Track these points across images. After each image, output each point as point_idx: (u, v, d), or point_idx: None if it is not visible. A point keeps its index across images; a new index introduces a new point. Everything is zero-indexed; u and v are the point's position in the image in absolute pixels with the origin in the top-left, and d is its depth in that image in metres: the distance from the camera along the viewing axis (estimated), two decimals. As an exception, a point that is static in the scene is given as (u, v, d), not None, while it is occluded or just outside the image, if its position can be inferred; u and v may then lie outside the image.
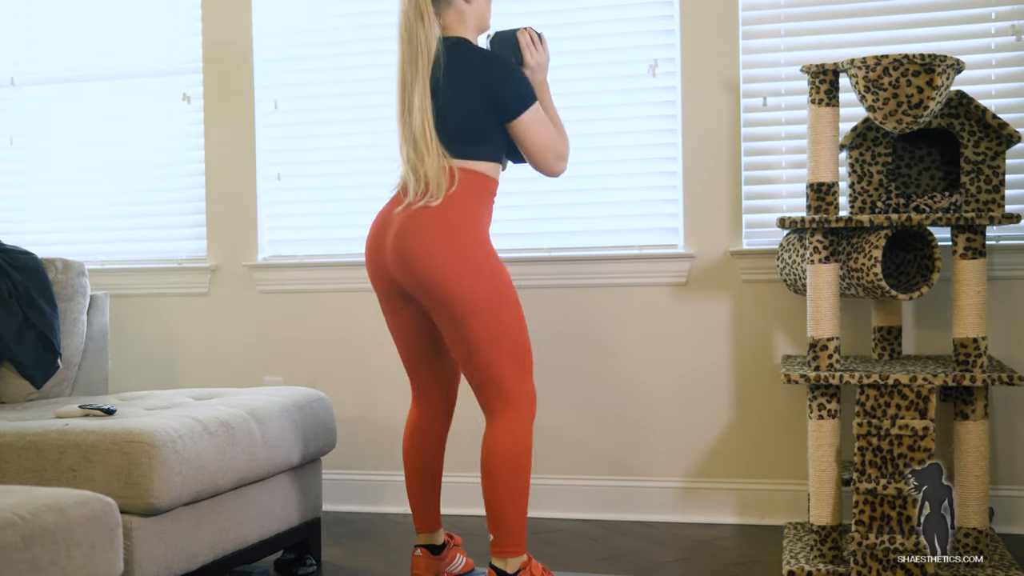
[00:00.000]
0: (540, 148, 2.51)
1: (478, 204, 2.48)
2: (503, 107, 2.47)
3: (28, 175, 4.02)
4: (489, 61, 2.49)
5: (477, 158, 2.48)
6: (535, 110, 2.50)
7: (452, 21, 2.53)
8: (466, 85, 2.46)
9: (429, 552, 2.69)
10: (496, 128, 2.49)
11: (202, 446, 2.43)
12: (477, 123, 2.47)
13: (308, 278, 3.69)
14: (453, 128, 2.46)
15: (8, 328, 3.02)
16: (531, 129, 2.49)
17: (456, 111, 2.46)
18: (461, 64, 2.47)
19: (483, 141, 2.49)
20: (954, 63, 2.63)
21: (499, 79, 2.46)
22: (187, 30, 3.82)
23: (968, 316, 2.69)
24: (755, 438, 3.35)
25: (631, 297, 3.43)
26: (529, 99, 2.49)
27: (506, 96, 2.46)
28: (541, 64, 2.61)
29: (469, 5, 2.54)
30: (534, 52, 2.59)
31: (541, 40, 2.62)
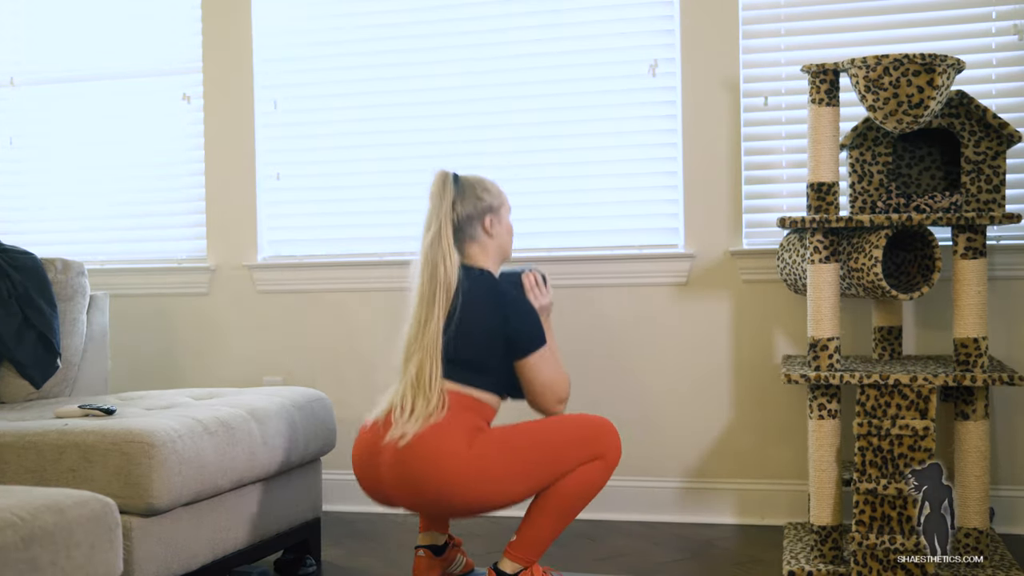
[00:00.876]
0: (543, 388, 2.55)
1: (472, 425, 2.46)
2: (515, 346, 2.51)
3: (28, 175, 4.02)
4: (506, 300, 2.53)
5: (478, 387, 2.50)
6: (545, 351, 2.54)
7: (475, 253, 2.59)
8: (480, 320, 2.49)
9: (431, 552, 2.69)
10: (504, 363, 2.53)
11: (202, 446, 2.43)
12: (486, 356, 2.50)
13: (308, 278, 3.69)
14: (462, 356, 2.48)
15: (8, 328, 3.01)
16: (538, 368, 2.53)
17: (467, 341, 2.48)
18: (478, 299, 2.50)
19: (488, 372, 2.51)
20: (954, 63, 2.63)
21: (514, 319, 2.51)
22: (187, 30, 3.82)
23: (968, 316, 2.69)
24: (755, 438, 3.35)
25: (631, 297, 3.43)
26: (540, 340, 2.53)
27: (519, 335, 2.50)
28: (545, 307, 2.66)
29: (491, 239, 2.60)
30: (538, 295, 2.65)
31: (545, 282, 2.68)
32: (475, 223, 2.58)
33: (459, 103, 3.57)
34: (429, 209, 2.57)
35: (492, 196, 2.61)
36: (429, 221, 2.55)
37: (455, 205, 2.56)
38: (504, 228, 2.65)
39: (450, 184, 2.57)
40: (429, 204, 2.57)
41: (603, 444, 2.49)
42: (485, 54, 3.55)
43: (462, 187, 2.58)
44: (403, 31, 3.62)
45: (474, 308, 2.50)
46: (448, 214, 2.54)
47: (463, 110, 3.56)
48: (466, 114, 3.56)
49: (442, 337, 2.47)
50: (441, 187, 2.56)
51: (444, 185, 2.56)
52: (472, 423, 2.45)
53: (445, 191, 2.56)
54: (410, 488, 2.41)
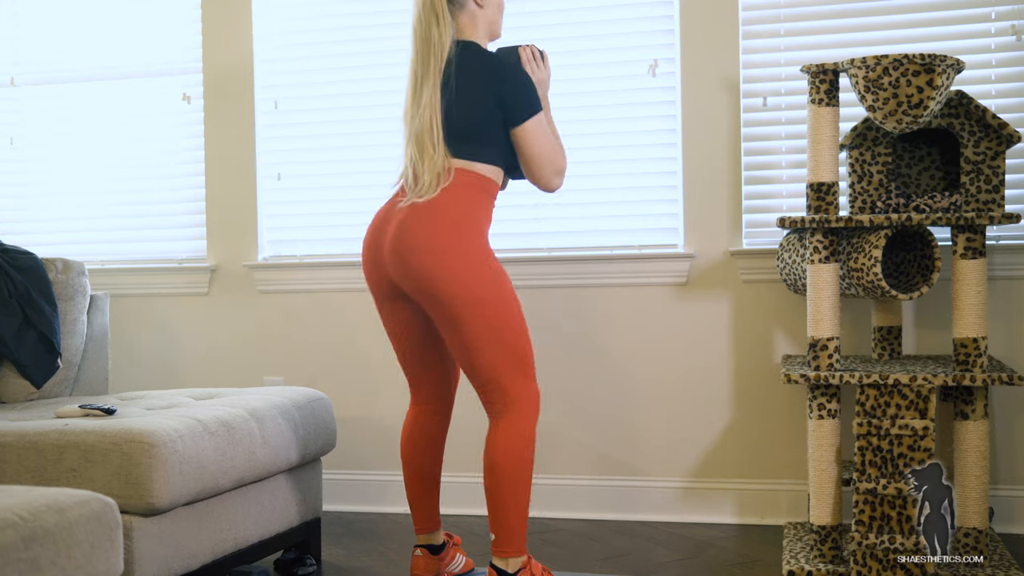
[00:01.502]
0: (540, 159, 2.52)
1: (477, 204, 2.48)
2: (510, 111, 2.48)
3: (28, 175, 4.02)
4: (500, 65, 2.50)
5: (479, 159, 2.49)
6: (540, 119, 2.51)
7: (464, 25, 2.56)
8: (475, 87, 2.47)
9: (429, 552, 2.70)
10: (500, 132, 2.50)
11: (202, 446, 2.43)
12: (482, 125, 2.48)
13: (308, 278, 3.69)
14: (458, 128, 2.47)
15: (8, 328, 3.02)
16: (534, 136, 2.50)
17: (462, 112, 2.47)
18: (472, 66, 2.49)
19: (486, 143, 2.49)
20: (954, 63, 2.63)
21: (509, 83, 2.48)
22: (187, 30, 3.82)
23: (968, 316, 2.69)
24: (755, 438, 3.35)
25: (631, 297, 3.43)
26: (536, 106, 2.50)
27: (514, 100, 2.47)
28: (542, 80, 2.63)
29: (482, 10, 2.57)
30: (535, 68, 2.62)
31: (543, 57, 2.64)
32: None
33: (459, 103, 3.56)
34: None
35: None
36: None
37: None
38: (496, 1, 2.60)
39: None
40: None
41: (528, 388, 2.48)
42: (485, 54, 3.55)
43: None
44: (403, 31, 3.58)
45: (468, 76, 2.47)
46: None
47: (463, 110, 3.56)
48: (466, 114, 3.56)
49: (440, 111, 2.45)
50: None
51: None
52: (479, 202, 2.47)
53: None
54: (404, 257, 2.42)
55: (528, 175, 2.55)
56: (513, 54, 2.61)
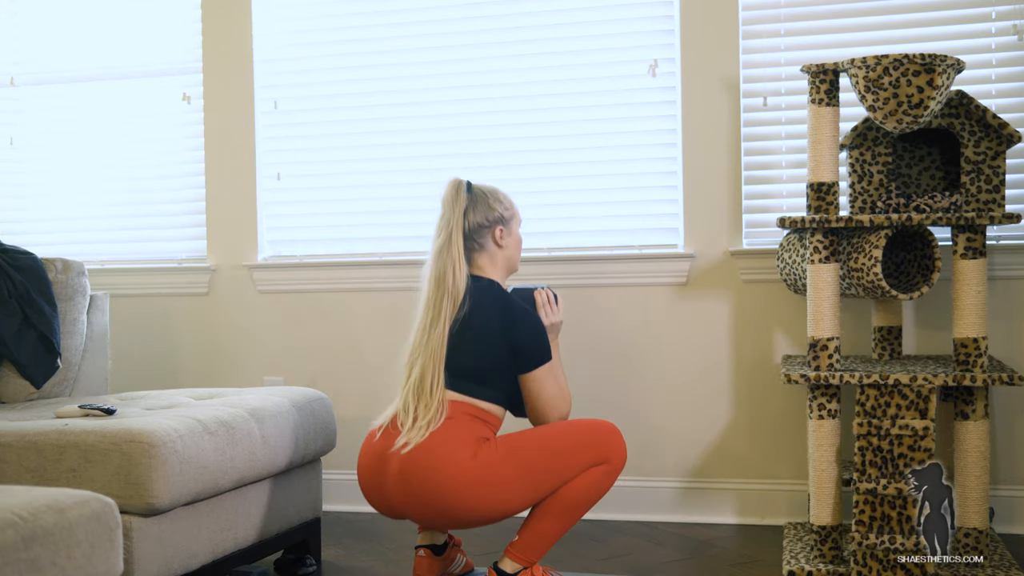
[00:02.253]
0: (545, 405, 2.54)
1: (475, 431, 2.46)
2: (521, 357, 2.50)
3: (28, 175, 4.02)
4: (515, 311, 2.52)
5: (483, 399, 2.50)
6: (550, 367, 2.54)
7: (483, 263, 2.60)
8: (488, 331, 2.49)
9: (431, 552, 2.69)
10: (508, 376, 2.52)
11: (202, 446, 2.43)
12: (491, 368, 2.50)
13: (308, 278, 3.69)
14: (465, 367, 2.49)
15: (8, 328, 3.02)
16: (542, 384, 2.52)
17: (472, 352, 2.49)
18: (487, 310, 2.51)
19: (491, 385, 2.51)
20: (954, 63, 2.63)
21: (523, 332, 2.50)
22: (187, 30, 3.82)
23: (968, 316, 2.69)
24: (755, 438, 3.35)
25: (631, 297, 3.43)
26: (547, 355, 2.53)
27: (526, 349, 2.50)
28: (555, 325, 2.65)
29: (501, 250, 2.61)
30: (549, 312, 2.64)
31: (556, 301, 2.67)
32: (485, 233, 2.58)
33: (458, 103, 3.57)
34: (440, 216, 2.57)
35: (504, 207, 2.62)
36: (440, 228, 2.55)
37: (467, 213, 2.56)
38: (514, 240, 2.65)
39: (463, 192, 2.57)
40: (441, 211, 2.57)
41: (608, 448, 2.49)
42: (484, 54, 3.55)
43: (475, 196, 2.59)
44: (403, 31, 3.62)
45: (481, 317, 2.50)
46: (459, 222, 2.54)
47: (462, 110, 3.56)
48: (465, 114, 3.56)
49: (447, 345, 2.47)
50: (454, 195, 2.56)
51: (457, 193, 2.57)
52: (478, 432, 2.45)
53: (458, 199, 2.56)
54: (415, 498, 2.41)
55: (530, 416, 2.58)
56: (528, 298, 2.64)
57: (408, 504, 2.44)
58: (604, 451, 2.48)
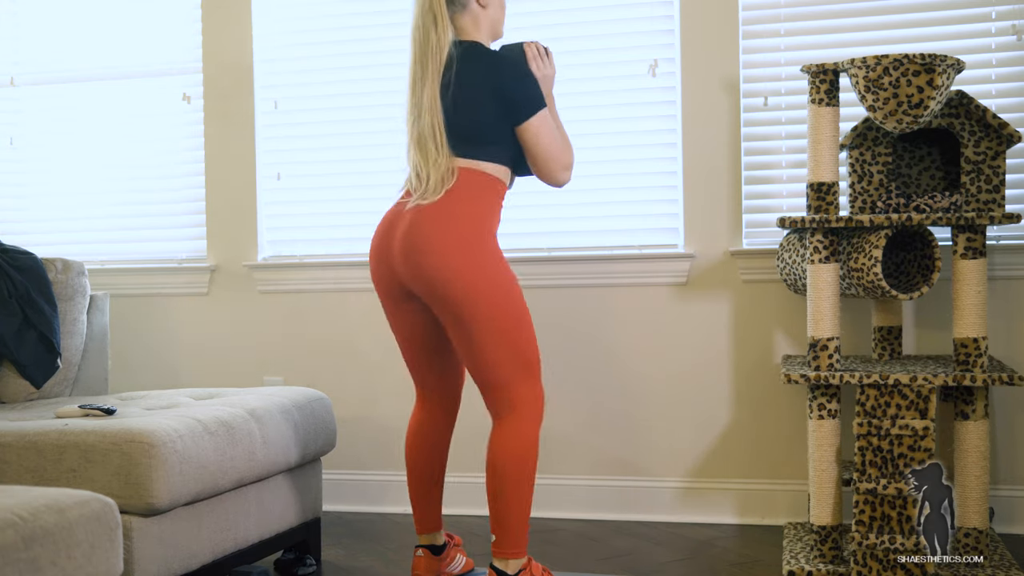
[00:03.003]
0: (546, 155, 2.51)
1: (485, 203, 2.48)
2: (514, 109, 2.47)
3: (28, 175, 4.02)
4: (502, 63, 2.49)
5: (485, 159, 2.48)
6: (544, 115, 2.50)
7: (466, 25, 2.55)
8: (478, 86, 2.46)
9: (430, 552, 2.69)
10: (505, 131, 2.49)
11: (202, 446, 2.43)
12: (486, 124, 2.47)
13: (308, 278, 3.69)
14: (462, 129, 2.47)
15: (8, 328, 3.02)
16: (539, 133, 2.49)
17: (466, 112, 2.46)
18: (474, 66, 2.48)
19: (491, 142, 2.49)
20: (954, 63, 2.63)
21: (511, 80, 2.47)
22: (187, 30, 3.82)
23: (968, 316, 2.69)
24: (755, 438, 3.35)
25: (631, 297, 3.43)
26: (540, 103, 2.50)
27: (517, 98, 2.46)
28: (547, 76, 2.61)
29: (484, 10, 2.56)
30: (540, 64, 2.60)
31: (548, 53, 2.63)
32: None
33: (459, 103, 3.56)
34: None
35: None
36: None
37: None
38: (497, 1, 2.59)
39: None
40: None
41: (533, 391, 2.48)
42: (485, 54, 3.55)
43: None
44: (403, 31, 3.59)
45: (470, 76, 2.46)
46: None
47: (463, 110, 3.56)
48: (466, 114, 3.56)
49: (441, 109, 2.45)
50: None
51: None
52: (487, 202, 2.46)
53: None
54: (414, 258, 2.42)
55: (535, 171, 2.54)
56: (517, 51, 2.60)
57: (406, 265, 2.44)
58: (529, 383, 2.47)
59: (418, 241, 2.42)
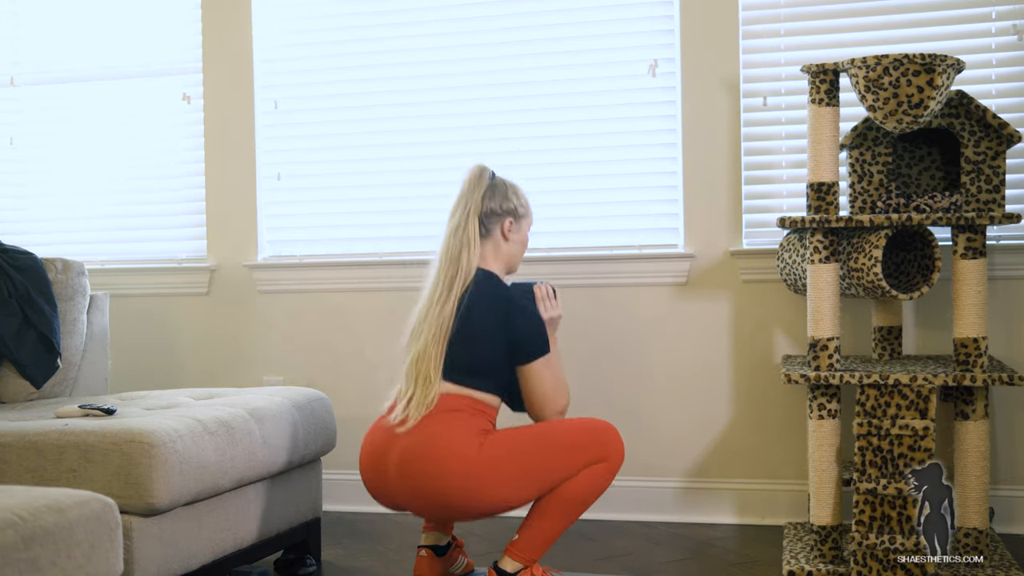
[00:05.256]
0: (542, 399, 2.53)
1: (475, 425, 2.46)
2: (518, 350, 2.50)
3: (28, 175, 4.02)
4: (513, 303, 2.52)
5: (479, 390, 2.49)
6: (547, 360, 2.53)
7: (486, 252, 2.59)
8: (485, 320, 2.49)
9: (433, 553, 2.69)
10: (505, 368, 2.52)
11: (202, 446, 2.43)
12: (487, 359, 2.49)
13: (308, 278, 3.69)
14: (462, 359, 2.48)
15: (8, 328, 3.02)
16: (540, 378, 2.52)
17: (469, 343, 2.48)
18: (486, 298, 2.50)
19: (488, 376, 2.50)
20: (954, 63, 2.63)
21: (521, 323, 2.50)
22: (187, 30, 3.82)
23: (968, 316, 2.69)
24: (755, 438, 3.35)
25: (631, 297, 3.43)
26: (544, 348, 2.53)
27: (524, 341, 2.50)
28: (553, 320, 2.65)
29: (506, 243, 2.61)
30: (548, 307, 2.64)
31: (555, 295, 2.67)
32: (496, 221, 2.59)
33: (458, 103, 3.57)
34: (459, 195, 2.58)
35: (520, 203, 2.63)
36: (456, 207, 2.57)
37: (484, 198, 2.57)
38: (520, 238, 2.65)
39: (486, 178, 2.60)
40: (460, 190, 2.59)
41: (607, 447, 2.50)
42: (484, 54, 3.55)
43: (496, 184, 2.61)
44: (403, 31, 3.62)
45: (480, 308, 2.50)
46: (477, 205, 2.55)
47: (462, 110, 3.56)
48: (465, 114, 3.56)
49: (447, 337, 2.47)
50: (477, 177, 2.59)
51: (480, 176, 2.59)
52: (479, 426, 2.46)
53: (480, 182, 2.58)
54: (417, 490, 2.41)
55: (528, 407, 2.57)
56: (527, 292, 2.63)
57: (407, 493, 2.44)
58: (603, 449, 2.49)
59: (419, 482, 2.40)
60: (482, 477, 2.38)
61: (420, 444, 2.41)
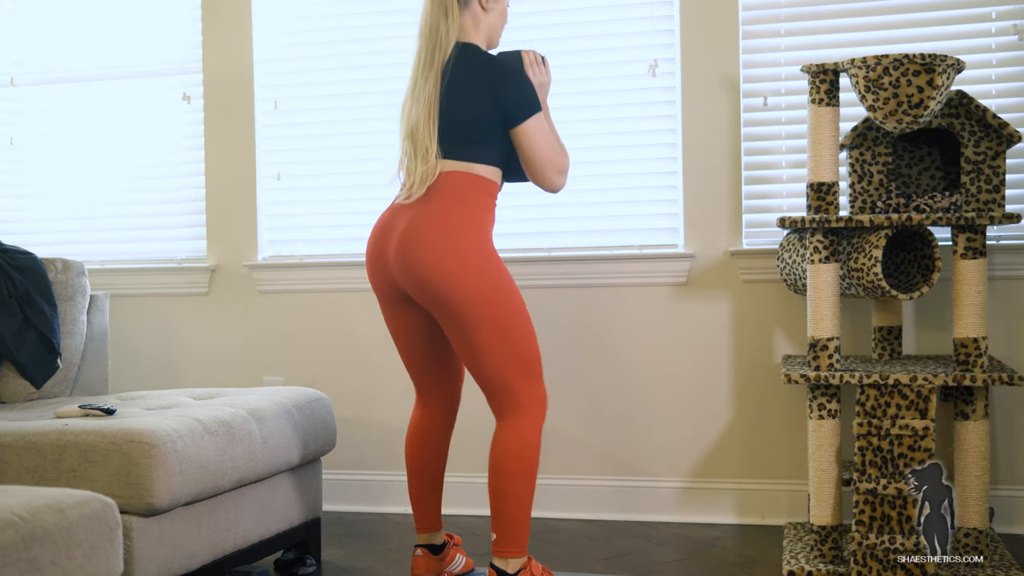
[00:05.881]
0: (540, 158, 2.50)
1: (479, 204, 2.48)
2: (509, 111, 2.47)
3: (28, 175, 4.02)
4: (499, 66, 2.50)
5: (477, 160, 2.48)
6: (540, 119, 2.50)
7: (467, 25, 2.56)
8: (473, 87, 2.47)
9: (429, 552, 2.70)
10: (499, 134, 2.49)
11: (202, 446, 2.43)
12: (480, 125, 2.47)
13: (308, 278, 3.69)
14: (456, 129, 2.47)
15: (8, 328, 3.02)
16: (535, 136, 2.49)
17: (460, 112, 2.47)
18: (470, 66, 2.48)
19: (484, 144, 2.49)
20: (954, 63, 2.63)
21: (508, 83, 2.47)
22: (187, 30, 3.82)
23: (968, 316, 2.69)
24: (755, 438, 3.35)
25: (631, 297, 3.43)
26: (536, 106, 2.50)
27: (513, 100, 2.47)
28: (543, 84, 2.62)
29: (485, 13, 2.57)
30: (537, 71, 2.61)
31: (544, 62, 2.64)
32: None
33: (459, 103, 3.56)
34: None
35: None
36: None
37: None
38: (500, 8, 2.61)
39: None
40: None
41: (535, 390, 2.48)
42: (485, 54, 3.55)
43: None
44: (403, 31, 3.61)
45: (467, 75, 2.47)
46: None
47: (463, 110, 3.56)
48: (466, 114, 3.56)
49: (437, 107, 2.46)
50: None
51: None
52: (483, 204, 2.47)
53: None
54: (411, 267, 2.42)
55: (530, 175, 2.54)
56: (514, 56, 2.61)
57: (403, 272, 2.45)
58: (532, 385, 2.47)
59: (413, 245, 2.42)
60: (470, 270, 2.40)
61: (423, 222, 2.42)
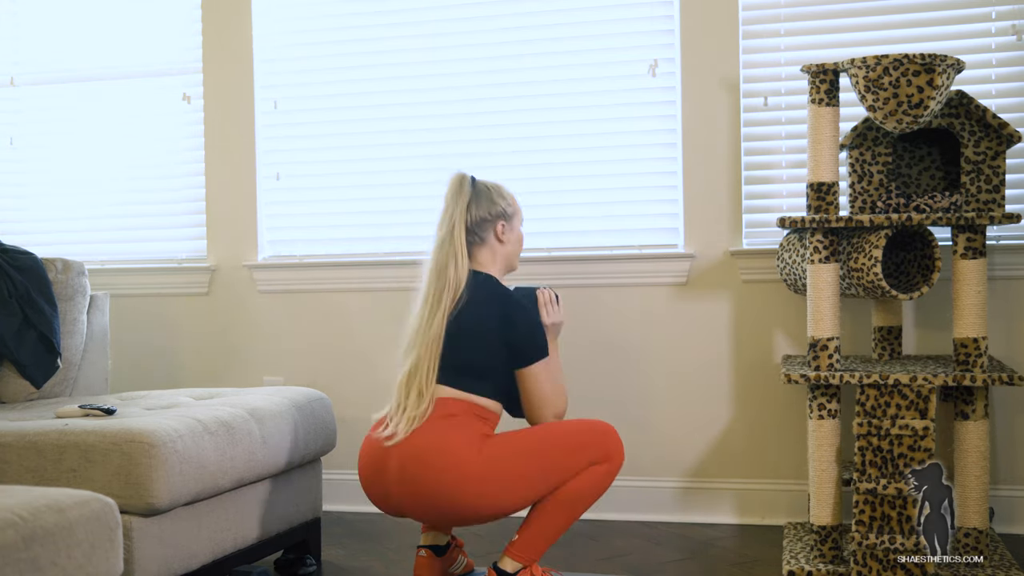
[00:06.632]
0: (540, 401, 2.53)
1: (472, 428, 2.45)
2: (517, 353, 2.50)
3: (28, 175, 4.02)
4: (513, 306, 2.52)
5: (478, 392, 2.49)
6: (545, 363, 2.53)
7: (484, 258, 2.59)
8: (485, 323, 2.49)
9: (433, 553, 2.69)
10: (503, 370, 2.52)
11: (202, 446, 2.43)
12: (487, 362, 2.50)
13: (308, 278, 3.69)
14: (462, 361, 2.48)
15: (8, 328, 3.02)
16: (538, 380, 2.51)
17: (469, 346, 2.48)
18: (485, 303, 2.51)
19: (487, 378, 2.50)
20: (954, 63, 2.63)
21: (520, 326, 2.50)
22: (187, 30, 3.83)
23: (968, 316, 2.69)
24: (755, 438, 3.35)
25: (631, 297, 3.43)
26: (543, 352, 2.52)
27: (523, 344, 2.50)
28: (555, 325, 2.66)
29: (502, 246, 2.61)
30: (550, 312, 2.65)
31: (558, 301, 2.67)
32: (487, 227, 2.58)
33: (458, 103, 3.57)
34: (443, 209, 2.58)
35: (507, 203, 2.62)
36: (442, 221, 2.56)
37: (470, 207, 2.56)
38: (515, 237, 2.65)
39: (467, 186, 2.58)
40: (444, 204, 2.58)
41: (608, 448, 2.49)
42: (484, 54, 3.55)
43: (479, 190, 2.59)
44: (403, 31, 3.62)
45: (478, 310, 2.50)
46: (462, 215, 2.55)
47: (462, 110, 3.56)
48: (466, 114, 3.56)
49: (444, 339, 2.47)
50: (458, 188, 2.57)
51: (461, 186, 2.58)
52: (480, 430, 2.46)
53: (462, 192, 2.57)
54: (417, 494, 2.41)
55: (526, 411, 2.57)
56: (529, 297, 2.64)
57: (409, 500, 2.44)
58: (604, 450, 2.49)
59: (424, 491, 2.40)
60: (484, 481, 2.37)
61: (419, 451, 2.40)
